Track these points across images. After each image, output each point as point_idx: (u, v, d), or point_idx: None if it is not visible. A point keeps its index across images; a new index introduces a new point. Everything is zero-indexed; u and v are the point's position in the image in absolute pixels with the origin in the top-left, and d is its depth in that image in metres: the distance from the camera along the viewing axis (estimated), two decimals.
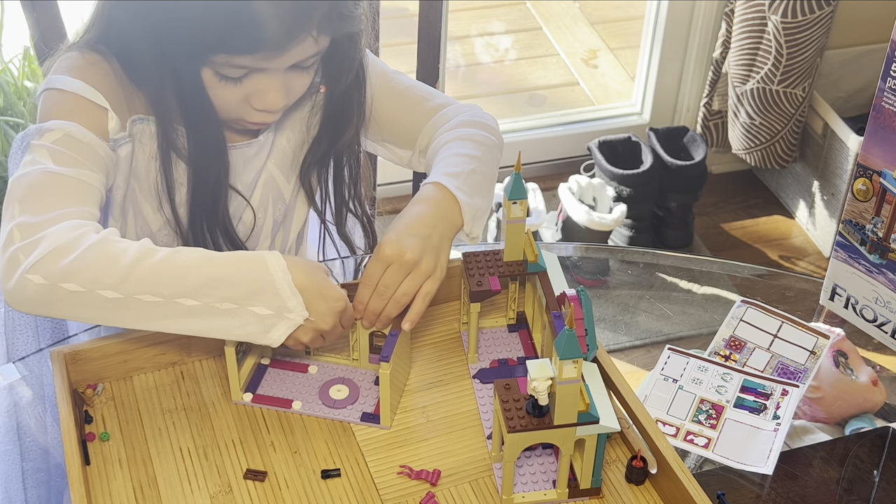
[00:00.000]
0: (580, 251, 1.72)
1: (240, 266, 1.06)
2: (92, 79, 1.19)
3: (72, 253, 1.03)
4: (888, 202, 1.26)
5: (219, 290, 1.05)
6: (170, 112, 1.19)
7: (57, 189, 1.11)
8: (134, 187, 1.26)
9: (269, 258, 1.07)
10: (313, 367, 1.22)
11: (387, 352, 1.12)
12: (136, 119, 1.22)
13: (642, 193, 2.57)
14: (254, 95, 1.17)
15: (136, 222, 1.29)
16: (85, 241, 1.04)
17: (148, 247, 1.07)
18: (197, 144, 1.22)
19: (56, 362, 1.15)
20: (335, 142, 1.32)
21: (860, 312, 1.36)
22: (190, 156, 1.23)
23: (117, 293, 1.04)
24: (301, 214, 1.40)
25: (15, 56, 2.23)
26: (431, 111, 1.34)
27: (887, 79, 1.21)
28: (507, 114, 3.02)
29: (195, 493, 1.09)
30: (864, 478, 1.19)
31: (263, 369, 1.22)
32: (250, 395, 1.19)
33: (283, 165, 1.34)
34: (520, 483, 1.10)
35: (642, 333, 1.42)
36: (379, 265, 1.13)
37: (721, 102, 2.73)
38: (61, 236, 1.04)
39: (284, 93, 1.18)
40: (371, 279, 1.13)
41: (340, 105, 1.30)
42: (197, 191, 1.25)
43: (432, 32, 1.62)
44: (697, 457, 1.19)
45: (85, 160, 1.15)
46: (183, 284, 1.05)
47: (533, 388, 1.01)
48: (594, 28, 3.43)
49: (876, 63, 2.68)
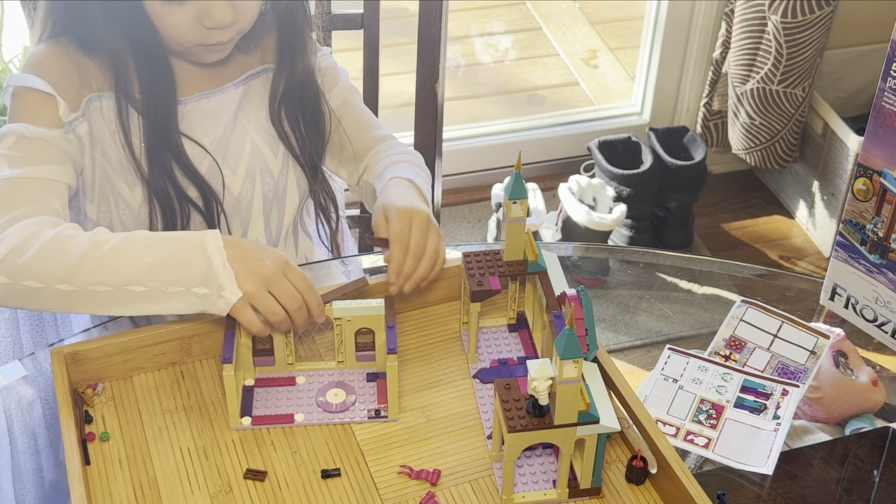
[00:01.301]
0: (580, 251, 1.72)
1: (179, 249, 1.13)
2: (44, 68, 1.25)
3: (28, 251, 1.12)
4: (888, 202, 1.26)
5: (164, 274, 1.12)
6: (122, 59, 1.24)
7: (13, 193, 1.18)
8: (105, 167, 1.29)
9: (207, 238, 1.13)
10: (301, 378, 1.21)
11: (392, 344, 1.14)
12: (93, 97, 1.26)
13: (642, 193, 2.57)
14: (202, 14, 1.21)
15: (118, 206, 1.31)
16: (40, 239, 1.13)
17: (97, 238, 1.13)
18: (149, 82, 1.26)
19: (56, 362, 1.15)
20: (293, 72, 1.35)
21: (860, 312, 1.36)
22: (142, 97, 1.26)
23: (72, 286, 1.12)
24: (294, 194, 1.41)
25: (15, 56, 2.23)
26: (381, 138, 1.43)
27: (887, 79, 1.21)
28: (507, 114, 3.02)
29: (195, 493, 1.09)
30: (864, 478, 1.19)
31: (250, 391, 1.19)
32: (248, 418, 1.16)
33: (266, 136, 1.36)
34: (520, 483, 1.10)
35: (642, 333, 1.42)
36: (403, 222, 1.19)
37: (721, 102, 2.73)
38: (17, 235, 1.13)
39: (231, 8, 1.22)
40: (402, 237, 1.19)
41: (287, 30, 1.33)
42: (151, 133, 1.27)
43: (432, 32, 1.62)
44: (697, 457, 1.19)
45: (41, 157, 1.22)
46: (129, 272, 1.12)
47: (533, 388, 1.01)
48: (594, 28, 3.43)
49: (876, 63, 2.68)
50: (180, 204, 1.31)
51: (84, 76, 1.26)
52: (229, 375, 1.11)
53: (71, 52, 1.26)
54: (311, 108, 1.39)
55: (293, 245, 1.46)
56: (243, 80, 1.35)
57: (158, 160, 1.28)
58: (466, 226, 2.72)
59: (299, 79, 1.35)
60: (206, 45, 1.24)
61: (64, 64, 1.26)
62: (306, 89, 1.37)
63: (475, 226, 2.73)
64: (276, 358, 1.20)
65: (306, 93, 1.37)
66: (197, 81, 1.32)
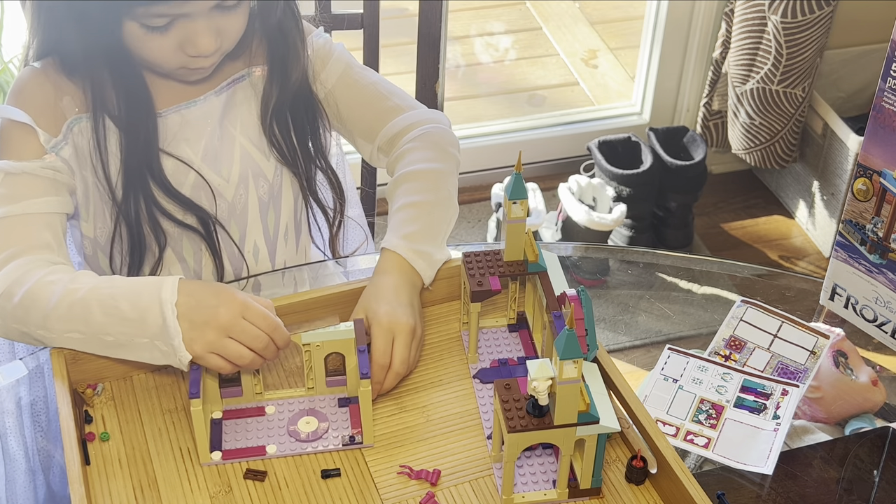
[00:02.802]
0: (580, 251, 1.72)
1: (137, 302, 1.12)
2: (24, 96, 1.26)
3: (14, 297, 1.14)
4: (888, 202, 1.26)
5: (126, 327, 1.12)
6: (98, 79, 1.23)
7: (2, 234, 1.19)
8: (97, 186, 1.29)
9: (163, 291, 1.11)
10: (270, 408, 1.17)
11: (364, 368, 1.10)
12: (74, 120, 1.26)
13: (642, 193, 2.57)
14: (185, 43, 1.20)
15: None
16: (24, 284, 1.15)
17: (71, 286, 1.14)
18: (127, 104, 1.25)
19: (56, 362, 1.15)
20: (285, 83, 1.33)
21: (860, 312, 1.36)
22: (119, 115, 1.25)
23: (49, 332, 1.14)
24: (289, 193, 1.40)
25: (15, 56, 2.23)
26: (392, 110, 1.38)
27: (887, 79, 1.21)
28: (507, 114, 3.01)
29: (195, 493, 1.09)
30: (864, 478, 1.19)
31: (219, 424, 1.15)
32: (219, 453, 1.12)
33: (256, 140, 1.35)
34: (520, 483, 1.10)
35: (642, 333, 1.42)
36: (385, 339, 1.16)
37: (721, 102, 2.73)
38: (7, 279, 1.15)
39: (215, 36, 1.21)
40: (384, 357, 1.16)
41: (279, 42, 1.32)
42: (130, 153, 1.26)
43: (432, 32, 1.62)
44: (697, 457, 1.19)
45: (28, 191, 1.22)
46: (97, 323, 1.13)
47: (533, 388, 1.01)
48: (594, 28, 3.43)
49: (876, 63, 2.68)
50: (153, 229, 1.30)
51: (65, 99, 1.26)
52: (197, 410, 1.07)
53: (51, 75, 1.26)
54: (304, 112, 1.37)
55: (294, 244, 1.46)
56: (227, 86, 1.33)
57: (136, 182, 1.27)
58: (466, 226, 2.72)
59: (292, 88, 1.34)
60: (189, 68, 1.24)
61: (44, 90, 1.25)
62: (299, 97, 1.35)
63: (475, 226, 2.73)
64: (243, 388, 1.16)
65: (299, 100, 1.35)
66: (175, 92, 1.30)
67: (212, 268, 1.37)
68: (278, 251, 1.43)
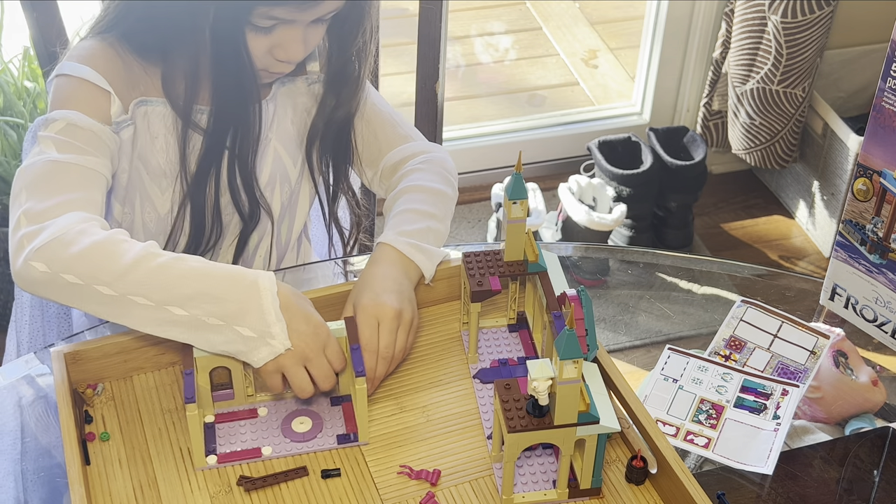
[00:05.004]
0: (580, 251, 1.72)
1: (232, 284, 1.08)
2: (98, 63, 1.23)
3: (74, 245, 1.08)
4: (888, 202, 1.26)
5: (208, 304, 1.08)
6: (196, 82, 1.23)
7: (60, 177, 1.16)
8: (140, 170, 1.28)
9: (261, 281, 1.09)
10: (262, 409, 1.16)
11: (359, 367, 1.10)
12: (140, 101, 1.25)
13: (642, 193, 2.57)
14: (278, 47, 1.21)
15: (144, 209, 1.31)
16: (90, 236, 1.09)
17: (151, 250, 1.09)
18: (228, 104, 1.24)
19: (56, 362, 1.15)
20: (338, 109, 1.34)
21: (860, 312, 1.36)
22: (215, 121, 1.25)
23: (113, 290, 1.08)
24: (305, 202, 1.40)
25: (15, 56, 2.23)
26: (400, 138, 1.39)
27: (887, 79, 1.21)
28: (507, 114, 3.02)
29: (195, 493, 1.09)
30: (864, 478, 1.19)
31: (212, 427, 1.14)
32: (213, 456, 1.11)
33: (288, 146, 1.35)
34: (520, 483, 1.10)
35: (642, 333, 1.42)
36: (370, 325, 1.15)
37: (721, 102, 2.73)
38: (66, 227, 1.09)
39: (305, 45, 1.22)
40: (370, 343, 1.15)
41: (344, 70, 1.32)
42: (215, 140, 1.26)
43: (432, 32, 1.62)
44: (697, 457, 1.19)
45: (87, 147, 1.19)
46: (175, 293, 1.08)
47: (533, 388, 1.01)
48: (594, 28, 3.43)
49: (876, 63, 2.68)
50: (214, 218, 1.30)
51: (132, 79, 1.25)
52: (193, 415, 1.06)
53: (120, 52, 1.25)
54: (342, 139, 1.38)
55: (296, 251, 1.46)
56: (273, 94, 1.34)
57: (215, 169, 1.27)
58: (466, 226, 2.72)
59: (340, 121, 1.35)
60: (269, 71, 1.25)
61: (116, 64, 1.24)
62: (344, 129, 1.37)
63: (475, 226, 2.73)
64: (234, 391, 1.15)
65: (344, 131, 1.37)
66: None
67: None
68: (285, 261, 1.44)
